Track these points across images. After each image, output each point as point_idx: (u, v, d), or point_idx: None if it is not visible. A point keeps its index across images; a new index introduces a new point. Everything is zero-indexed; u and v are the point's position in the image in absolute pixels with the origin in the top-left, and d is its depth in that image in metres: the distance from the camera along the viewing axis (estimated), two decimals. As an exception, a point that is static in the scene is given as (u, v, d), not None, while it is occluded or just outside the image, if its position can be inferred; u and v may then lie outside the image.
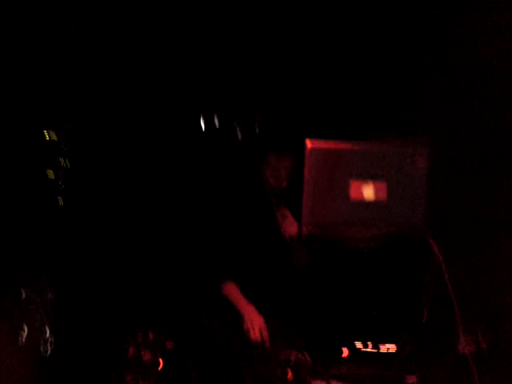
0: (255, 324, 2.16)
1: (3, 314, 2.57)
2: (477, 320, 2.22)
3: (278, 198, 2.52)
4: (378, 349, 2.15)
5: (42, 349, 2.55)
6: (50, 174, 3.15)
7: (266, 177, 2.56)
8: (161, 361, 1.79)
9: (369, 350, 2.16)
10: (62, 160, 3.20)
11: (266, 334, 2.14)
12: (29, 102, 3.00)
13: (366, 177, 2.10)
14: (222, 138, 3.66)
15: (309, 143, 2.03)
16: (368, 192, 2.11)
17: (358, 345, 2.21)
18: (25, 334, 2.54)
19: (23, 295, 2.67)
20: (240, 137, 3.60)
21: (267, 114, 3.49)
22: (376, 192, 2.10)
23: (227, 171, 3.41)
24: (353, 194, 2.09)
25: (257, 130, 3.32)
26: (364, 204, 2.09)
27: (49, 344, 2.58)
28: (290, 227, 2.41)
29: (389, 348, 2.13)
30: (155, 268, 3.13)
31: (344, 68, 3.60)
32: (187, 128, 3.57)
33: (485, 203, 3.25)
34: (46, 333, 2.58)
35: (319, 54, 3.60)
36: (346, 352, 2.20)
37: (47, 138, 3.15)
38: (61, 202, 3.13)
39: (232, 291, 2.30)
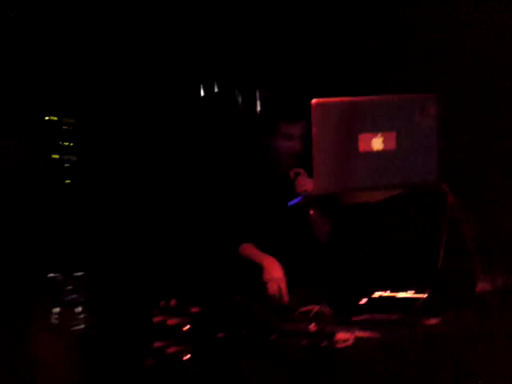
0: (274, 275, 2.18)
1: (35, 297, 2.64)
2: (494, 262, 2.24)
3: (293, 160, 2.56)
4: (398, 295, 2.19)
5: (75, 326, 2.62)
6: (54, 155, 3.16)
7: (279, 143, 2.60)
8: (187, 324, 1.84)
9: (388, 295, 2.20)
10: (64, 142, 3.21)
11: (284, 286, 2.17)
12: (29, 95, 3.03)
13: (374, 129, 2.12)
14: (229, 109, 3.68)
15: (314, 100, 2.05)
16: (377, 144, 2.12)
17: (378, 294, 2.24)
18: (57, 314, 2.61)
19: (53, 277, 2.74)
20: (243, 105, 3.62)
21: (272, 82, 3.49)
22: (386, 143, 2.12)
23: (238, 141, 3.44)
24: (362, 147, 2.11)
25: (264, 99, 3.33)
26: (374, 156, 2.12)
27: (82, 321, 2.64)
28: (304, 183, 2.45)
29: (408, 294, 2.17)
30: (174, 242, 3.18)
31: (345, 31, 3.58)
32: (191, 100, 3.58)
33: (498, 152, 3.24)
34: (78, 310, 2.65)
35: (317, 15, 3.58)
36: (365, 300, 2.24)
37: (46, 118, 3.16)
38: (68, 181, 3.15)
39: (250, 248, 2.33)
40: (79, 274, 2.82)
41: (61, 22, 3.16)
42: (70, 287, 2.71)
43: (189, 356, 1.77)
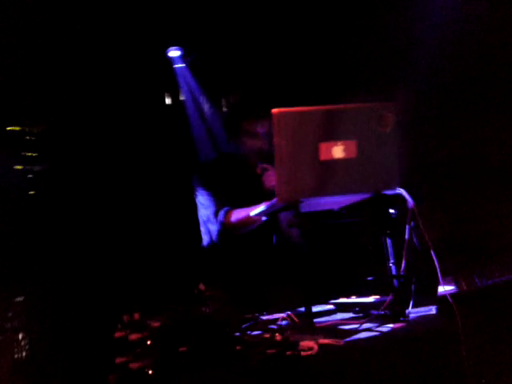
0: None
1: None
2: (458, 265, 2.26)
3: (259, 157, 2.60)
4: (362, 301, 2.19)
5: (17, 352, 2.49)
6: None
7: (244, 141, 2.64)
8: (147, 340, 1.80)
9: (353, 301, 2.20)
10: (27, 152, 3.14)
11: None
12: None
13: (335, 138, 2.13)
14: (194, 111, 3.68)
15: (275, 110, 2.06)
16: (338, 152, 2.13)
17: (343, 299, 2.24)
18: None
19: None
20: (209, 108, 3.63)
21: (236, 83, 3.49)
22: (346, 151, 2.13)
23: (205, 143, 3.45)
24: (323, 155, 2.12)
25: (228, 102, 3.34)
26: (335, 165, 2.12)
27: (24, 346, 2.53)
28: (271, 179, 2.51)
29: (372, 299, 2.17)
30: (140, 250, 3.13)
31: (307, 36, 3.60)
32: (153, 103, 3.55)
33: (458, 156, 3.29)
34: (20, 336, 2.53)
35: (282, 22, 3.59)
36: (331, 307, 2.24)
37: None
38: (31, 192, 3.07)
39: (238, 212, 2.40)
40: (19, 299, 2.71)
41: (22, 31, 3.11)
42: (10, 313, 2.59)
43: (151, 371, 1.74)
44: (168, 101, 4.02)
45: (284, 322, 2.07)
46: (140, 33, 3.55)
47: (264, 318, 2.12)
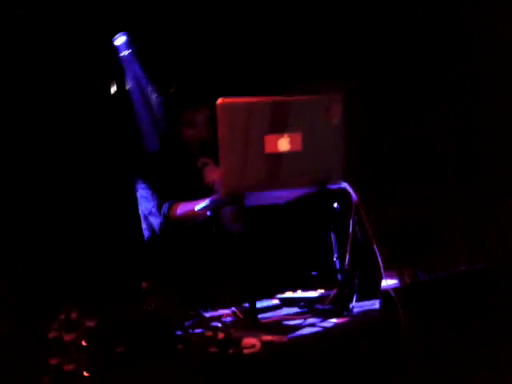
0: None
1: None
2: (401, 258, 2.27)
3: (200, 149, 2.55)
4: (306, 295, 2.17)
5: None
6: None
7: (184, 132, 2.58)
8: (83, 339, 1.73)
9: (297, 295, 2.18)
10: None
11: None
12: None
13: (280, 130, 2.10)
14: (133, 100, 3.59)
15: (219, 100, 2.01)
16: (283, 144, 2.10)
17: (288, 294, 2.22)
18: None
19: None
20: (154, 98, 3.55)
21: (178, 72, 3.42)
22: (292, 144, 2.10)
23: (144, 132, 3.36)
24: (268, 148, 2.08)
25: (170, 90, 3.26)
26: (281, 157, 2.10)
27: None
28: (211, 173, 2.46)
29: (317, 293, 2.16)
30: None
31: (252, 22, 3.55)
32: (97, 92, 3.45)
33: (399, 149, 3.32)
34: None
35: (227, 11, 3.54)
36: (275, 301, 2.22)
37: None
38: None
39: (183, 205, 2.34)
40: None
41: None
42: None
43: (86, 373, 1.66)
44: (113, 90, 3.91)
45: (228, 319, 2.02)
46: (84, 19, 3.43)
47: (207, 314, 2.07)
